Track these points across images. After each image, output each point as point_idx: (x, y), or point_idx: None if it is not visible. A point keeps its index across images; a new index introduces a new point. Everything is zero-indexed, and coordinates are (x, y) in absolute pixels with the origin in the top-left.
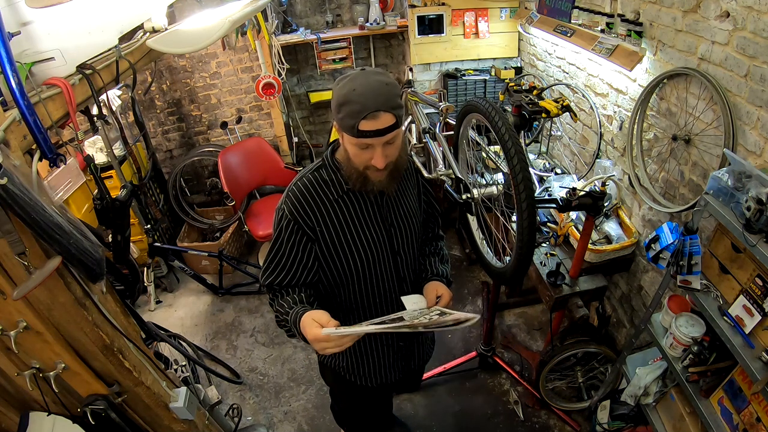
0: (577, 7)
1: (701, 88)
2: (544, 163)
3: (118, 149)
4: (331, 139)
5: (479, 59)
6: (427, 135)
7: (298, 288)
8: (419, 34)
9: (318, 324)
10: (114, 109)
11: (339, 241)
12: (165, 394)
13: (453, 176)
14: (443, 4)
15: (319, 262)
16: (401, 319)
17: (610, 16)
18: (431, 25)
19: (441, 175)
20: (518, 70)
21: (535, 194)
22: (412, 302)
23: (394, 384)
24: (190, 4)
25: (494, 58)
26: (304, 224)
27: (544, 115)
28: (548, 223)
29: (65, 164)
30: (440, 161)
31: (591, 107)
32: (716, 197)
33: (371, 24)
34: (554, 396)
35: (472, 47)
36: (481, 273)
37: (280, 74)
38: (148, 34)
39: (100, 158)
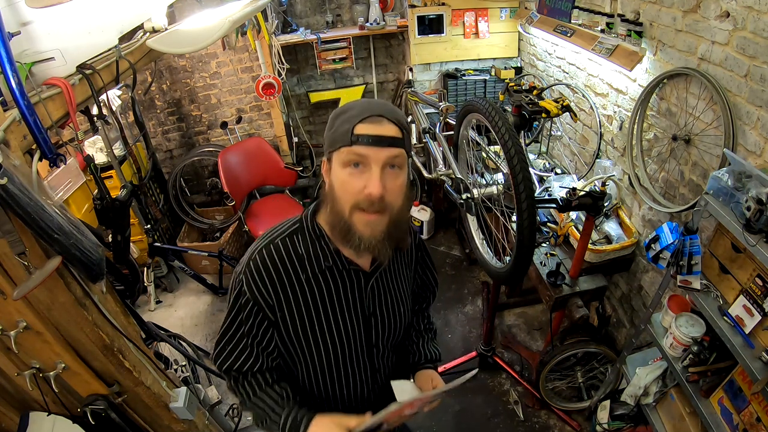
0: (577, 7)
1: (701, 88)
2: (544, 163)
3: (118, 149)
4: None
5: (479, 59)
6: (427, 135)
7: (269, 375)
8: (419, 34)
9: (339, 426)
10: (114, 109)
11: (303, 329)
12: (165, 394)
13: (453, 176)
14: (443, 4)
15: (277, 347)
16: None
17: (610, 16)
18: (431, 25)
19: (441, 175)
20: (518, 70)
21: (535, 194)
22: (402, 390)
23: None
24: (190, 4)
25: (494, 58)
26: (264, 304)
27: (544, 115)
28: (548, 223)
29: (65, 164)
30: (440, 161)
31: (591, 107)
32: (716, 197)
33: (371, 24)
34: (554, 396)
35: (472, 47)
36: (481, 273)
37: (280, 74)
38: (148, 34)
39: (100, 158)
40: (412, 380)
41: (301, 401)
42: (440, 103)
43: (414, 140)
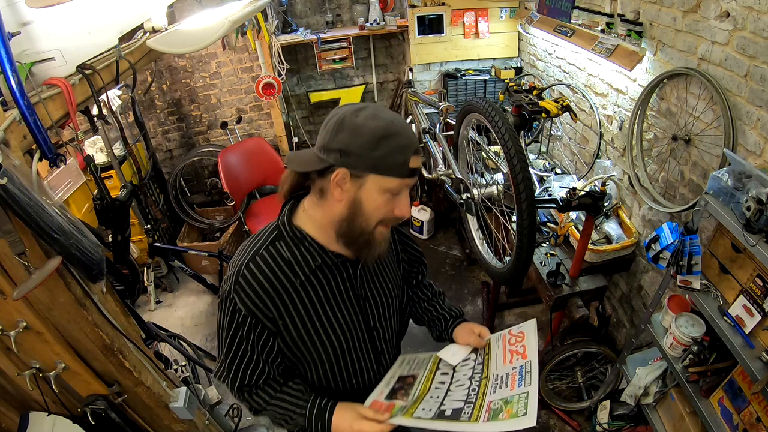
0: (577, 7)
1: (701, 88)
2: (544, 163)
3: (118, 149)
4: (285, 193)
5: (479, 59)
6: (427, 135)
7: (279, 378)
8: (419, 34)
9: (360, 415)
10: (114, 109)
11: (306, 330)
12: (165, 394)
13: (453, 176)
14: (443, 4)
15: (282, 353)
16: (451, 379)
17: (610, 16)
18: (431, 25)
19: (441, 175)
20: (518, 70)
21: (535, 194)
22: (451, 354)
23: None
24: (190, 4)
25: (494, 58)
26: (263, 317)
27: (544, 115)
28: (548, 223)
29: (65, 164)
30: (440, 161)
31: (591, 107)
32: (716, 197)
33: (371, 24)
34: (554, 396)
35: (472, 47)
36: (481, 273)
37: (280, 74)
38: (148, 34)
39: (100, 158)
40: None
41: (312, 390)
42: (440, 103)
43: None
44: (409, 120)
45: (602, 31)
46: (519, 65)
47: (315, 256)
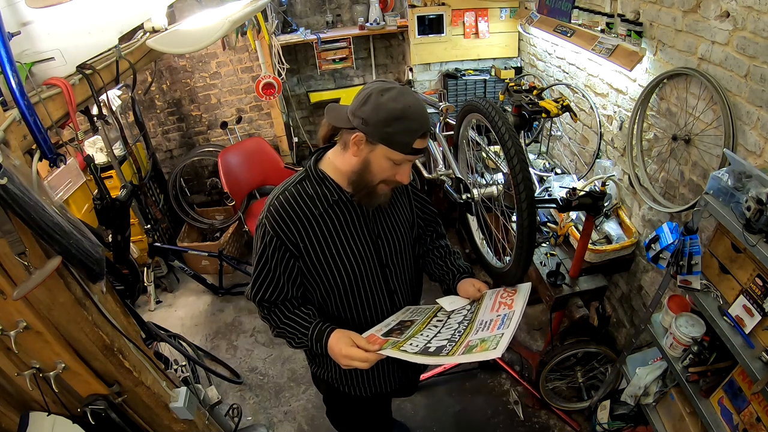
0: (577, 7)
1: (701, 88)
2: (544, 163)
3: (118, 149)
4: (322, 144)
5: (479, 59)
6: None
7: (295, 301)
8: (419, 34)
9: (352, 342)
10: (114, 109)
11: (324, 256)
12: (165, 394)
13: (453, 176)
14: (443, 4)
15: (303, 276)
16: (443, 324)
17: (610, 16)
18: (431, 25)
19: (441, 175)
20: (518, 70)
21: (535, 194)
22: (449, 302)
23: (390, 393)
24: (190, 4)
25: (494, 58)
26: (287, 240)
27: (544, 115)
28: (548, 223)
29: (65, 164)
30: (440, 161)
31: (591, 107)
32: (716, 197)
33: (371, 24)
34: (554, 396)
35: (472, 47)
36: (481, 273)
37: (280, 74)
38: (148, 34)
39: (100, 158)
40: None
41: (326, 319)
42: (440, 103)
43: None
44: None
45: (602, 31)
46: (519, 65)
47: (333, 192)
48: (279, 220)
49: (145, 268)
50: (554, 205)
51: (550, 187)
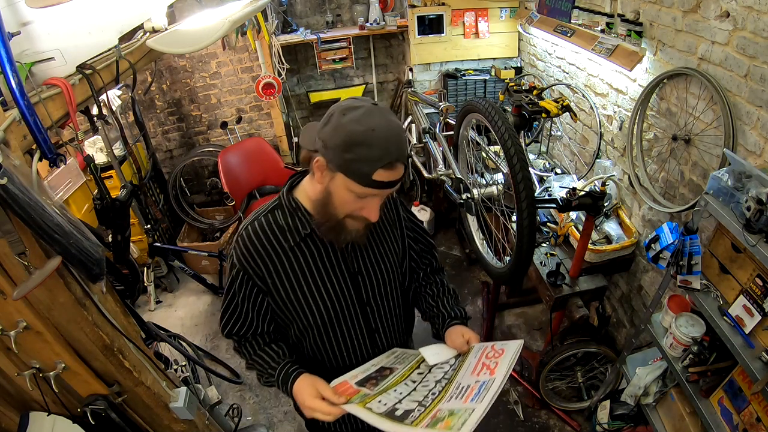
0: (577, 7)
1: (701, 88)
2: (544, 163)
3: (118, 149)
4: (301, 167)
5: (479, 59)
6: (427, 135)
7: (267, 337)
8: (419, 34)
9: (317, 392)
10: (114, 109)
11: (294, 293)
12: (165, 394)
13: (453, 176)
14: (443, 4)
15: (274, 312)
16: (422, 379)
17: (610, 16)
18: (431, 25)
19: (441, 175)
20: (518, 70)
21: (535, 194)
22: (432, 354)
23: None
24: (190, 4)
25: (494, 58)
26: (254, 274)
27: (544, 115)
28: (548, 223)
29: (65, 164)
30: (440, 161)
31: (591, 107)
32: (716, 197)
33: (371, 24)
34: (554, 396)
35: (472, 47)
36: (481, 273)
37: (280, 74)
38: (148, 34)
39: (100, 158)
40: (443, 343)
41: (299, 360)
42: (440, 103)
43: (414, 140)
44: (409, 120)
45: (602, 31)
46: (519, 65)
47: (306, 225)
48: (246, 252)
49: (145, 268)
50: (554, 205)
51: (550, 187)
